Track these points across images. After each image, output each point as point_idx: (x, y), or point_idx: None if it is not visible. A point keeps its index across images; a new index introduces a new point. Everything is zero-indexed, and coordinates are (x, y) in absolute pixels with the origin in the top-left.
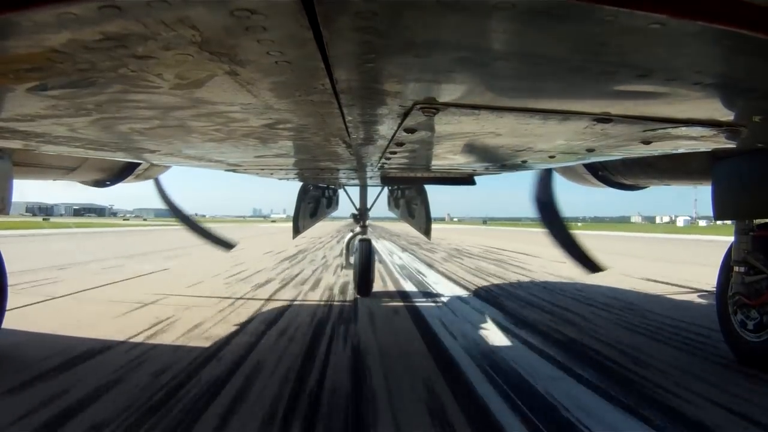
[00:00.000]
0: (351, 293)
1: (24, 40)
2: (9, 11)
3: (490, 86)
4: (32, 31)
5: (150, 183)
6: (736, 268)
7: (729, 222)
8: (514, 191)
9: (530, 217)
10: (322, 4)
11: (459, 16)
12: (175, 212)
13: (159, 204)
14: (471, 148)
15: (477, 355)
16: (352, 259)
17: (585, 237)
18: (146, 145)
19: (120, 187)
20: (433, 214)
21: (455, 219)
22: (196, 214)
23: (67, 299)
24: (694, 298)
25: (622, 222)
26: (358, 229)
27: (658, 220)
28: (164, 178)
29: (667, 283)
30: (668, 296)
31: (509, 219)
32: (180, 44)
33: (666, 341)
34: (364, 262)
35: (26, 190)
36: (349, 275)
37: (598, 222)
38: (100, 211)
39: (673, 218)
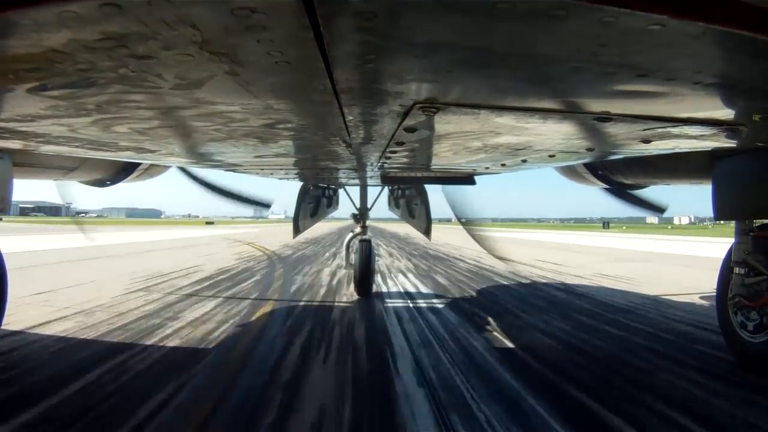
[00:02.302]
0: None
1: (25, 40)
2: (9, 10)
3: (490, 86)
4: (33, 30)
5: (132, 184)
6: (736, 269)
7: None
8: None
9: (536, 218)
10: (323, 5)
11: (459, 16)
12: (211, 189)
13: (128, 203)
14: (471, 148)
15: None
16: (352, 260)
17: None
18: (146, 145)
19: (120, 186)
20: (442, 214)
21: (463, 221)
22: (189, 215)
23: None
24: None
25: (636, 224)
26: (358, 229)
27: (676, 221)
28: (164, 176)
29: None
30: None
31: (514, 220)
32: (180, 44)
33: None
34: (364, 263)
35: None
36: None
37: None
38: (53, 211)
39: (693, 219)
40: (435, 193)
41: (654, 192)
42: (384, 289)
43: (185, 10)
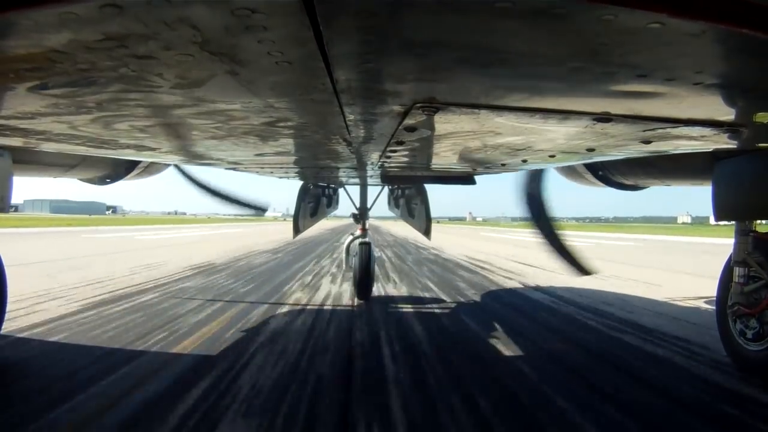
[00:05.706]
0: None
1: (25, 40)
2: (9, 11)
3: (490, 86)
4: (33, 31)
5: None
6: (735, 273)
7: None
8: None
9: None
10: (323, 4)
11: (459, 15)
12: (206, 190)
13: (55, 195)
14: (471, 148)
15: None
16: (351, 263)
17: None
18: (147, 143)
19: (121, 183)
20: (451, 212)
21: (479, 219)
22: (175, 212)
23: None
24: None
25: (667, 224)
26: (358, 232)
27: (712, 221)
28: (166, 174)
29: None
30: None
31: (528, 219)
32: (181, 44)
33: None
34: (364, 266)
35: None
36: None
37: (622, 223)
38: None
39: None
40: (436, 193)
41: (662, 192)
42: None
43: (185, 11)
